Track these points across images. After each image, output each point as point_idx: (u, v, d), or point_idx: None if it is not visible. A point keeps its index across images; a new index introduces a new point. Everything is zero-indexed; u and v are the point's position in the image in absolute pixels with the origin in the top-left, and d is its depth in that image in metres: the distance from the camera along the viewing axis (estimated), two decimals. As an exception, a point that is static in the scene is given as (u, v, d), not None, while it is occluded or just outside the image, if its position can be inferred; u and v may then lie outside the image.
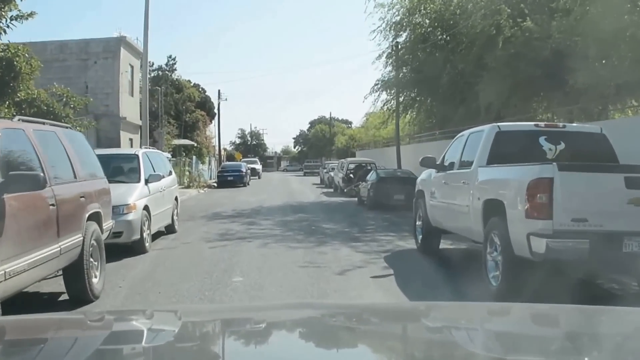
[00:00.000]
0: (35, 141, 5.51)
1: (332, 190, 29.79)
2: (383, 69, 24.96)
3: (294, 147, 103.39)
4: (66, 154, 6.31)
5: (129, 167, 10.97)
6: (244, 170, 36.98)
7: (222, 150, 59.33)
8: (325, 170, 37.83)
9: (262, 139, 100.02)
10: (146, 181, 10.53)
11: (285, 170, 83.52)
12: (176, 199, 12.97)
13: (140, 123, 25.30)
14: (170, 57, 48.79)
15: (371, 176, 20.12)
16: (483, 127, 8.04)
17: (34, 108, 13.61)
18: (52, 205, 5.42)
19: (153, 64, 44.71)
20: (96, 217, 6.66)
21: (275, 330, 2.16)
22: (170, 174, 13.01)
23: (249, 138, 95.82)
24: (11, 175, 4.75)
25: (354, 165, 27.30)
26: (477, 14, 17.54)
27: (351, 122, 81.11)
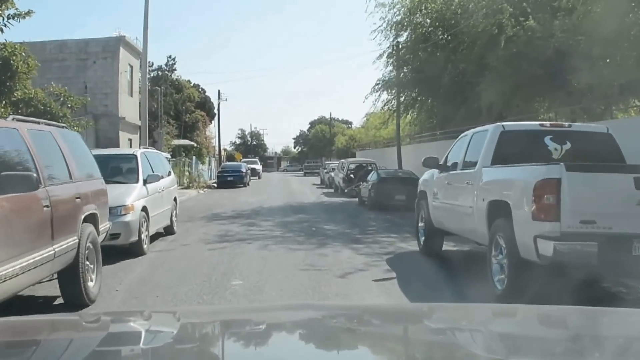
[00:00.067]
0: (29, 141, 5.38)
1: (333, 190, 29.69)
2: (384, 69, 24.84)
3: (294, 148, 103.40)
4: (61, 154, 6.17)
5: (127, 168, 10.85)
6: (244, 170, 36.91)
7: (222, 150, 59.26)
8: (325, 170, 37.76)
9: (262, 139, 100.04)
10: (144, 182, 10.39)
11: (285, 170, 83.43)
12: (175, 200, 12.82)
13: (139, 123, 25.21)
14: (170, 57, 48.89)
15: (372, 176, 20.01)
16: (487, 127, 7.89)
17: (31, 108, 13.47)
18: (46, 206, 5.27)
19: (153, 64, 44.74)
20: (92, 219, 6.51)
21: (275, 331, 2.13)
22: (169, 175, 12.87)
23: (249, 138, 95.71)
24: (3, 175, 4.61)
25: (355, 165, 27.20)
26: (479, 13, 17.39)
27: (351, 123, 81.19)
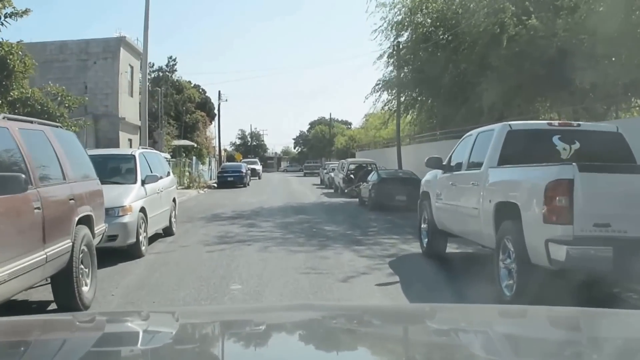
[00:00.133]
0: (20, 140, 5.17)
1: (333, 191, 29.53)
2: (384, 69, 24.77)
3: (294, 148, 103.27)
4: (55, 154, 5.96)
5: (125, 168, 10.68)
6: (244, 170, 36.79)
7: (222, 150, 59.08)
8: (325, 170, 37.62)
9: (262, 140, 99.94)
10: (143, 182, 10.20)
11: (285, 170, 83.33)
12: (174, 201, 12.62)
13: (139, 124, 25.05)
14: (170, 58, 48.86)
15: (372, 177, 19.84)
16: (493, 126, 7.68)
17: (28, 107, 13.30)
18: (37, 208, 5.06)
19: (153, 65, 44.67)
20: (87, 221, 6.30)
21: (275, 332, 2.11)
22: (168, 175, 12.69)
23: (249, 139, 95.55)
24: None
25: (355, 165, 27.05)
26: (480, 13, 17.19)
27: (351, 123, 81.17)
